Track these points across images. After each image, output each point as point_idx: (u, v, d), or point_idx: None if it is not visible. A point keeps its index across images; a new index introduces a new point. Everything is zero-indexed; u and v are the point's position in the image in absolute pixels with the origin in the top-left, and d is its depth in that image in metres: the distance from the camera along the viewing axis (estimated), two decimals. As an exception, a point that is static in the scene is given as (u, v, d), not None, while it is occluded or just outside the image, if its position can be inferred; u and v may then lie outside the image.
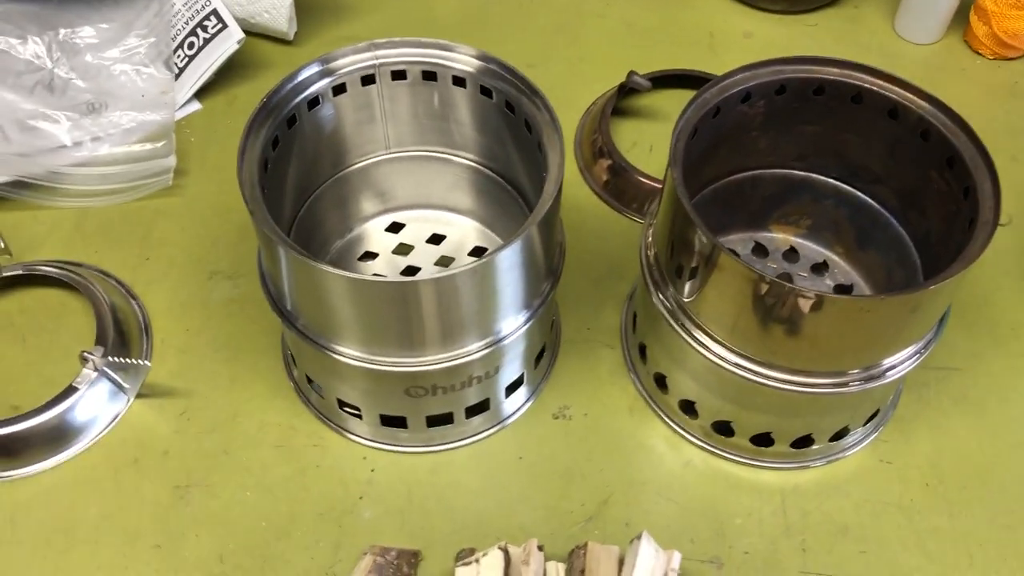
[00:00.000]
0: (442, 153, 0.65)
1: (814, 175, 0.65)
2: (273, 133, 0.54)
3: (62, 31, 0.78)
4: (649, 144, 0.81)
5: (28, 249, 0.71)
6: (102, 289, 0.67)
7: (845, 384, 0.54)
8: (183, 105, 0.81)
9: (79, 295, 0.68)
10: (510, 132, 0.59)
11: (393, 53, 0.58)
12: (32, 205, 0.74)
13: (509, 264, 0.51)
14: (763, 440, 0.60)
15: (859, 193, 0.64)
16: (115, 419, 0.63)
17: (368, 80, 0.59)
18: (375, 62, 0.58)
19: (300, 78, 0.56)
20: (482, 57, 0.57)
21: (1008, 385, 0.66)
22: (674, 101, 0.84)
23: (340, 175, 0.65)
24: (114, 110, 0.76)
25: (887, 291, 0.65)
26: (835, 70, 0.58)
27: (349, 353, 0.54)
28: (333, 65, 0.57)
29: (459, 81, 0.59)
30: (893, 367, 0.54)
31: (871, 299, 0.49)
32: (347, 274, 0.48)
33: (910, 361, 0.55)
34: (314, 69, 0.57)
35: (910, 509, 0.60)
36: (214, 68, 0.80)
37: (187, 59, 0.80)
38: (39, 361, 0.66)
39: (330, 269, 0.48)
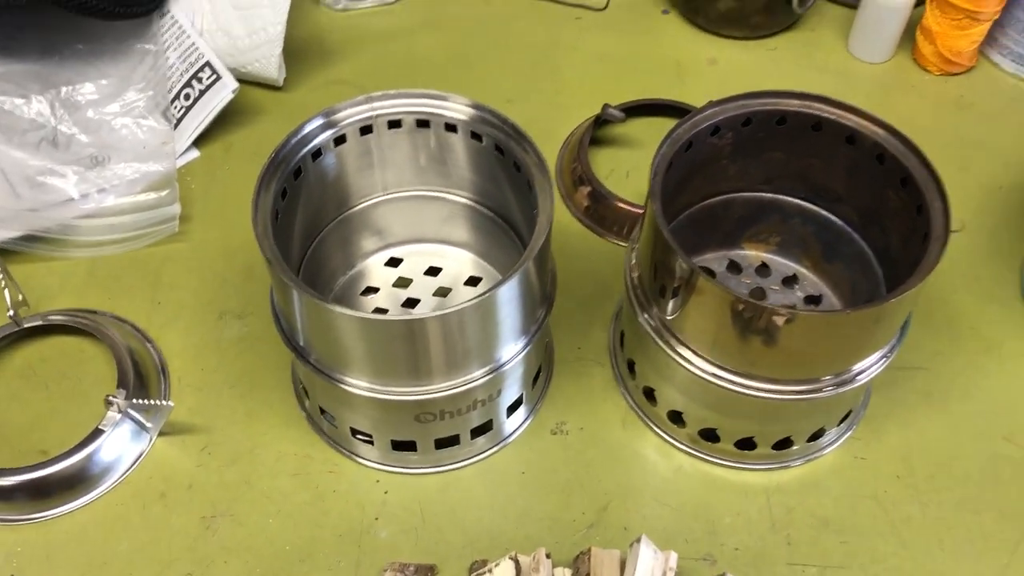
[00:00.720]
0: (437, 192, 0.70)
1: (781, 196, 0.70)
2: (282, 185, 0.59)
3: (63, 89, 0.82)
4: (626, 171, 0.86)
5: (44, 299, 0.75)
6: (118, 334, 0.71)
7: (819, 390, 0.58)
8: (182, 153, 0.85)
9: (96, 341, 0.71)
10: (502, 172, 0.64)
11: (388, 104, 0.63)
12: (45, 257, 0.77)
13: (508, 297, 0.55)
14: (746, 444, 0.65)
15: (823, 212, 0.69)
16: (140, 457, 0.67)
17: (366, 130, 0.63)
18: (372, 113, 0.63)
19: (304, 132, 0.61)
20: (473, 105, 0.62)
21: (969, 381, 0.71)
22: (647, 129, 0.89)
23: (342, 217, 0.69)
24: (118, 162, 0.80)
25: (853, 300, 0.70)
26: (796, 102, 0.64)
27: (360, 385, 0.58)
28: (334, 118, 0.62)
29: (451, 127, 0.63)
30: (862, 372, 0.59)
31: (838, 314, 0.54)
32: (358, 314, 0.53)
33: (877, 365, 0.60)
34: (317, 123, 0.61)
35: (884, 500, 0.65)
36: (211, 117, 0.84)
37: (184, 110, 0.84)
38: (63, 407, 0.69)
39: (343, 310, 0.52)
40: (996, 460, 0.66)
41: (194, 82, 0.84)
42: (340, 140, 0.63)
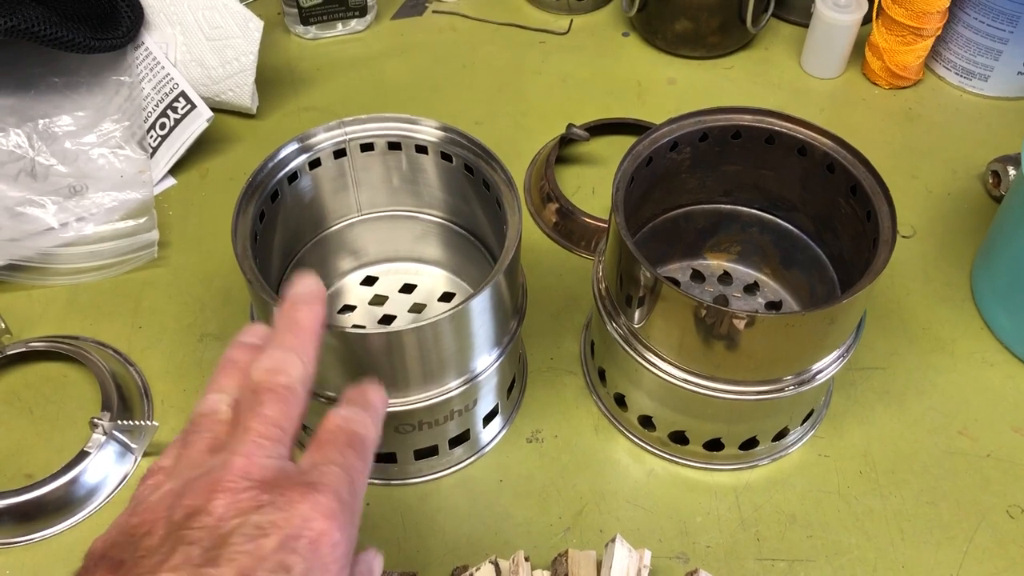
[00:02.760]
0: (410, 212, 0.72)
1: (739, 207, 0.74)
2: (260, 208, 0.61)
3: (40, 121, 0.84)
4: (591, 187, 0.89)
5: (26, 327, 0.76)
6: (101, 358, 0.72)
7: (781, 390, 0.61)
8: (159, 181, 0.86)
9: (79, 366, 0.73)
10: (472, 190, 0.67)
11: (360, 129, 0.65)
12: (26, 286, 0.79)
13: (481, 309, 0.58)
14: (714, 445, 0.67)
15: (780, 220, 0.73)
16: (125, 478, 0.68)
17: (340, 153, 0.66)
18: (345, 137, 0.65)
19: (280, 156, 0.63)
20: (442, 128, 0.65)
21: (923, 379, 0.74)
22: (610, 147, 0.92)
23: (318, 238, 0.71)
24: (96, 191, 0.82)
25: (811, 304, 0.73)
26: (749, 117, 0.67)
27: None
28: (309, 143, 0.64)
29: (422, 149, 0.66)
30: (821, 371, 0.62)
31: (794, 315, 0.57)
32: (339, 328, 0.55)
33: (835, 364, 0.63)
34: (292, 147, 0.64)
35: (847, 495, 0.67)
36: (186, 146, 0.86)
37: (160, 139, 0.86)
38: (47, 431, 0.70)
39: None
40: (952, 453, 0.70)
41: (169, 112, 0.86)
42: (315, 163, 0.65)
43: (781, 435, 0.68)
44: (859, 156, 0.64)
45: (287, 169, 0.63)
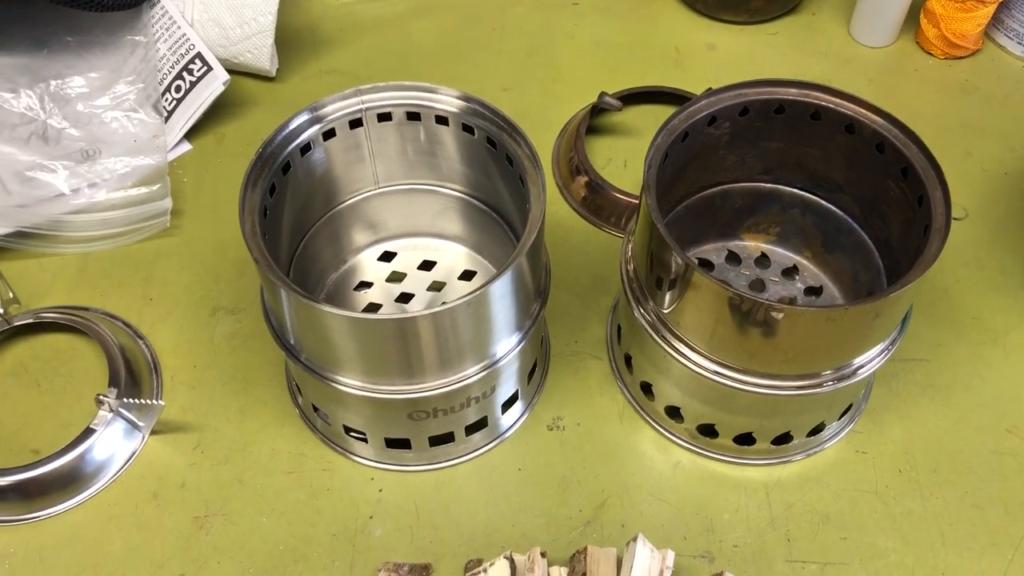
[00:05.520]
0: (430, 185, 0.69)
1: (780, 186, 0.69)
2: (270, 181, 0.58)
3: (52, 82, 0.81)
4: (623, 160, 0.84)
5: (35, 296, 0.74)
6: (110, 331, 0.70)
7: (819, 385, 0.58)
8: (174, 147, 0.84)
9: (88, 339, 0.71)
10: (494, 164, 0.63)
11: (377, 97, 0.62)
12: (35, 254, 0.77)
13: (501, 293, 0.54)
14: (745, 439, 0.64)
15: (823, 201, 0.68)
16: (132, 456, 0.66)
17: (356, 123, 0.62)
18: (361, 107, 0.61)
19: (292, 127, 0.60)
20: (464, 97, 0.61)
21: (971, 372, 0.70)
22: (645, 117, 0.88)
23: (332, 212, 0.68)
24: (108, 156, 0.79)
25: (854, 291, 0.69)
26: (793, 90, 0.62)
27: (352, 384, 0.58)
28: (322, 112, 0.61)
29: (442, 120, 0.62)
30: (863, 366, 0.58)
31: (837, 309, 0.53)
32: (349, 314, 0.52)
33: (878, 359, 0.59)
34: (304, 117, 0.60)
35: (885, 495, 0.64)
36: (202, 109, 0.83)
37: (175, 102, 0.83)
38: (54, 405, 0.69)
39: (332, 310, 0.51)
40: (1000, 453, 0.65)
41: (185, 74, 0.83)
42: (329, 134, 0.62)
43: (817, 430, 0.64)
44: (912, 136, 0.59)
45: (299, 140, 0.60)
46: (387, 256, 0.73)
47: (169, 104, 0.83)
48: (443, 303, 0.52)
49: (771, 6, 0.96)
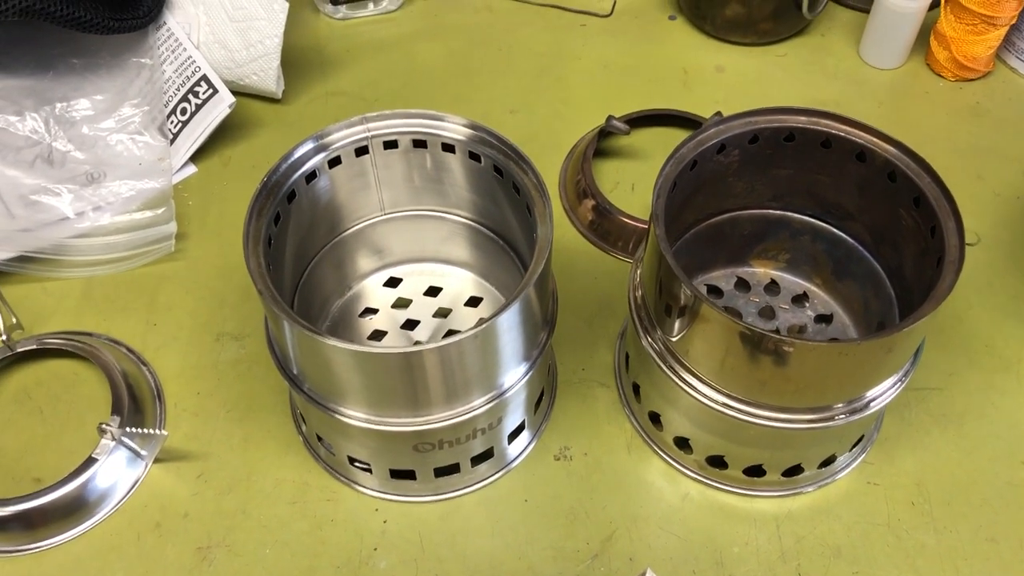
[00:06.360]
0: (436, 212, 0.68)
1: (790, 213, 0.68)
2: (275, 211, 0.57)
3: (58, 105, 0.81)
4: (631, 183, 0.84)
5: (38, 321, 0.74)
6: (113, 358, 0.69)
7: (831, 418, 0.57)
8: (179, 169, 0.83)
9: (92, 365, 0.70)
10: (501, 192, 0.62)
11: (383, 125, 0.61)
12: (39, 278, 0.76)
13: (509, 324, 0.54)
14: (755, 471, 0.63)
15: (834, 229, 0.67)
16: (135, 485, 0.65)
17: (362, 151, 0.62)
18: (367, 134, 0.61)
19: (296, 155, 0.59)
20: (471, 125, 0.60)
21: (985, 401, 0.69)
22: (652, 140, 0.87)
23: (337, 239, 0.67)
24: (113, 179, 0.79)
25: (865, 319, 0.68)
26: (803, 118, 0.62)
27: (357, 415, 0.57)
28: (327, 140, 0.60)
29: (448, 148, 0.62)
30: (875, 398, 0.57)
31: (849, 344, 0.52)
32: (353, 347, 0.51)
33: (891, 391, 0.58)
34: (309, 146, 0.60)
35: (898, 528, 0.63)
36: (208, 132, 0.83)
37: (181, 124, 0.83)
38: (57, 432, 0.68)
39: (337, 343, 0.51)
40: (1014, 485, 0.64)
41: (191, 96, 0.83)
42: (335, 162, 0.61)
43: (828, 462, 0.63)
44: (924, 165, 0.58)
45: (304, 168, 0.59)
46: (393, 282, 0.73)
47: (174, 127, 0.83)
48: (449, 331, 0.51)
49: (780, 27, 0.96)
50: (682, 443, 0.64)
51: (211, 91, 0.82)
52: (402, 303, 0.72)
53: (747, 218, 0.69)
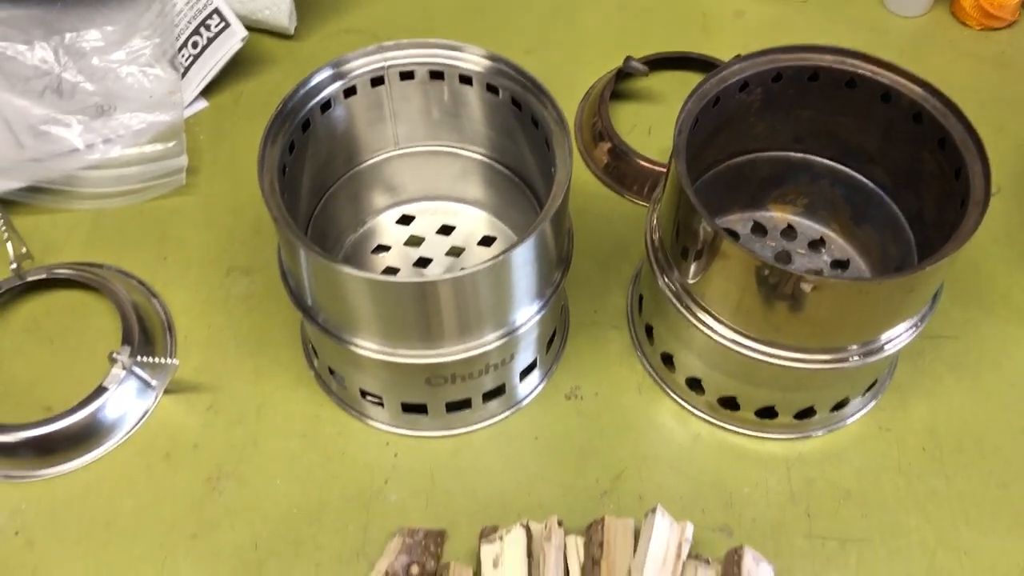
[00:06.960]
0: (451, 147, 0.67)
1: (810, 156, 0.67)
2: (289, 138, 0.56)
3: (68, 35, 0.79)
4: (648, 126, 0.83)
5: (48, 252, 0.73)
6: (124, 289, 0.69)
7: (845, 359, 0.56)
8: (190, 104, 0.82)
9: (102, 296, 0.70)
10: (518, 127, 0.61)
11: (401, 55, 0.60)
12: (49, 209, 0.75)
13: (523, 260, 0.53)
14: (767, 413, 0.63)
15: (854, 173, 0.66)
16: (145, 415, 0.65)
17: (377, 81, 0.61)
18: (384, 64, 0.60)
19: (313, 83, 0.58)
20: (490, 56, 0.59)
21: (999, 350, 0.69)
22: (671, 83, 0.86)
23: (352, 172, 0.67)
24: (123, 112, 0.78)
25: (882, 265, 0.67)
26: (829, 57, 0.60)
27: (370, 347, 0.57)
28: (344, 68, 0.59)
29: (466, 79, 0.60)
30: (890, 341, 0.57)
31: (869, 282, 0.51)
32: (368, 275, 0.51)
33: (906, 335, 0.57)
34: (326, 73, 0.59)
35: (908, 473, 0.63)
36: (219, 66, 0.81)
37: (192, 58, 0.82)
38: (67, 362, 0.68)
39: (352, 271, 0.50)
40: (1026, 434, 0.64)
41: (202, 29, 0.81)
42: (350, 91, 0.60)
43: (840, 405, 0.63)
44: (951, 106, 0.57)
45: (320, 97, 0.58)
46: (406, 219, 0.72)
47: (186, 60, 0.82)
48: (462, 268, 0.50)
49: (802, -28, 0.94)
50: (694, 384, 0.64)
51: (223, 24, 0.81)
52: (415, 241, 0.71)
53: (767, 160, 0.68)
